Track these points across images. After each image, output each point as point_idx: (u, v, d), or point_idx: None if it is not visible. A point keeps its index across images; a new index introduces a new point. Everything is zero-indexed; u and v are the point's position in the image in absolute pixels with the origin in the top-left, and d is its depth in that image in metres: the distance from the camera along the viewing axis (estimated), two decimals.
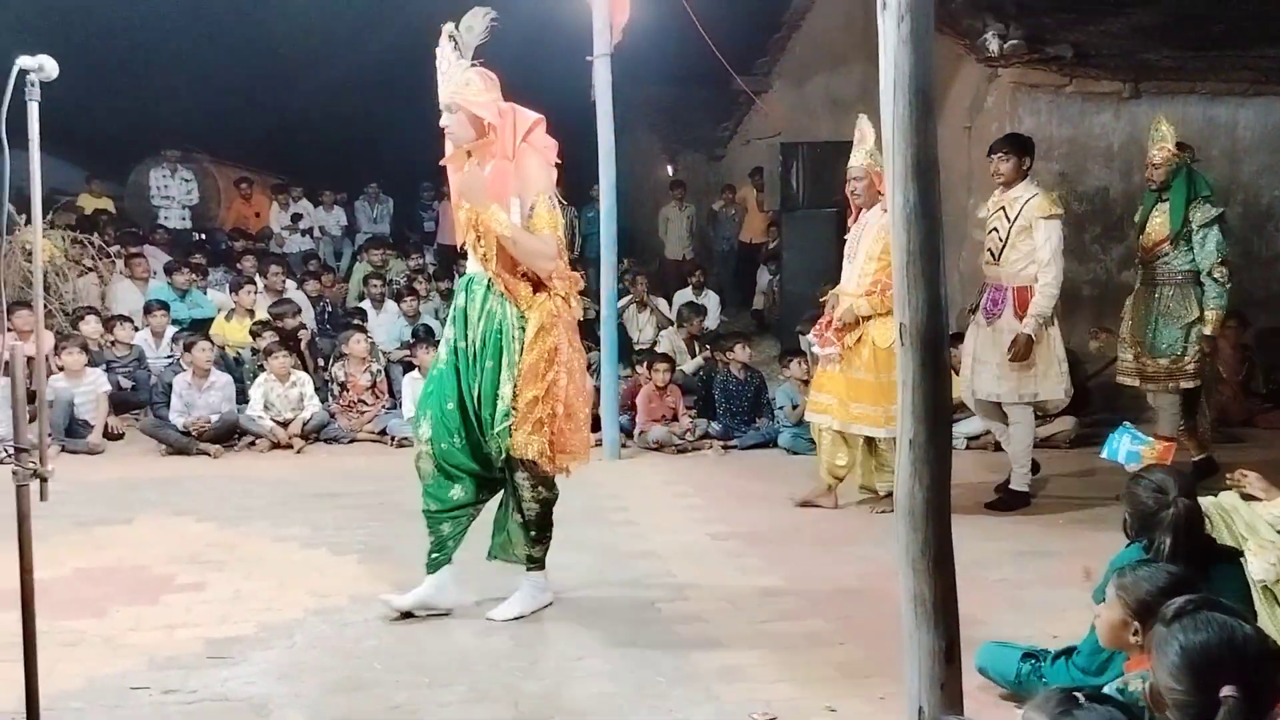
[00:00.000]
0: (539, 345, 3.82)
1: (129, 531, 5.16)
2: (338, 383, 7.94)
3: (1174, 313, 5.89)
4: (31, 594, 2.46)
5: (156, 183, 12.77)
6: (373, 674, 3.54)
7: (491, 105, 3.83)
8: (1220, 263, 5.75)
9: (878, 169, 5.42)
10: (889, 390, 5.31)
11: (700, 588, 4.43)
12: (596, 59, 6.75)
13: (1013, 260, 5.60)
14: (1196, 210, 5.78)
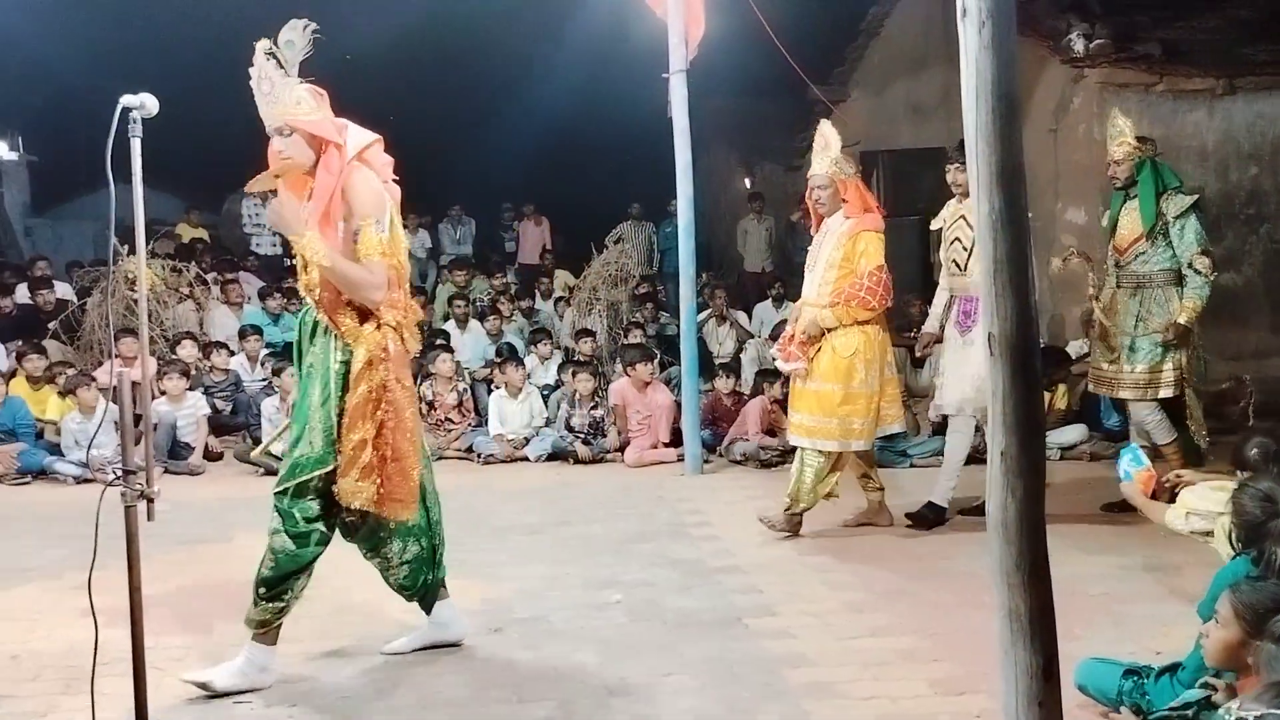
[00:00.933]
0: (365, 382, 3.46)
1: (229, 549, 5.32)
2: (425, 401, 8.09)
3: (1155, 316, 5.60)
4: (140, 611, 2.55)
5: (248, 211, 13.19)
6: (464, 690, 3.58)
7: (328, 123, 3.54)
8: (1201, 253, 5.47)
9: (842, 176, 5.34)
10: (847, 400, 5.25)
11: (787, 603, 4.39)
12: (673, 75, 6.79)
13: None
14: (1169, 202, 5.51)
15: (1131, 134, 5.68)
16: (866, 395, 5.24)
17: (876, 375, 5.27)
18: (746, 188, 14.02)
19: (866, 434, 5.28)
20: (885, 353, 5.37)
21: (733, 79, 10.74)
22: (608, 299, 9.53)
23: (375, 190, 3.55)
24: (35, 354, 7.87)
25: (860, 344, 5.23)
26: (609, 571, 4.84)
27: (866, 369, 5.24)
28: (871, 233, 5.26)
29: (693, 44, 6.76)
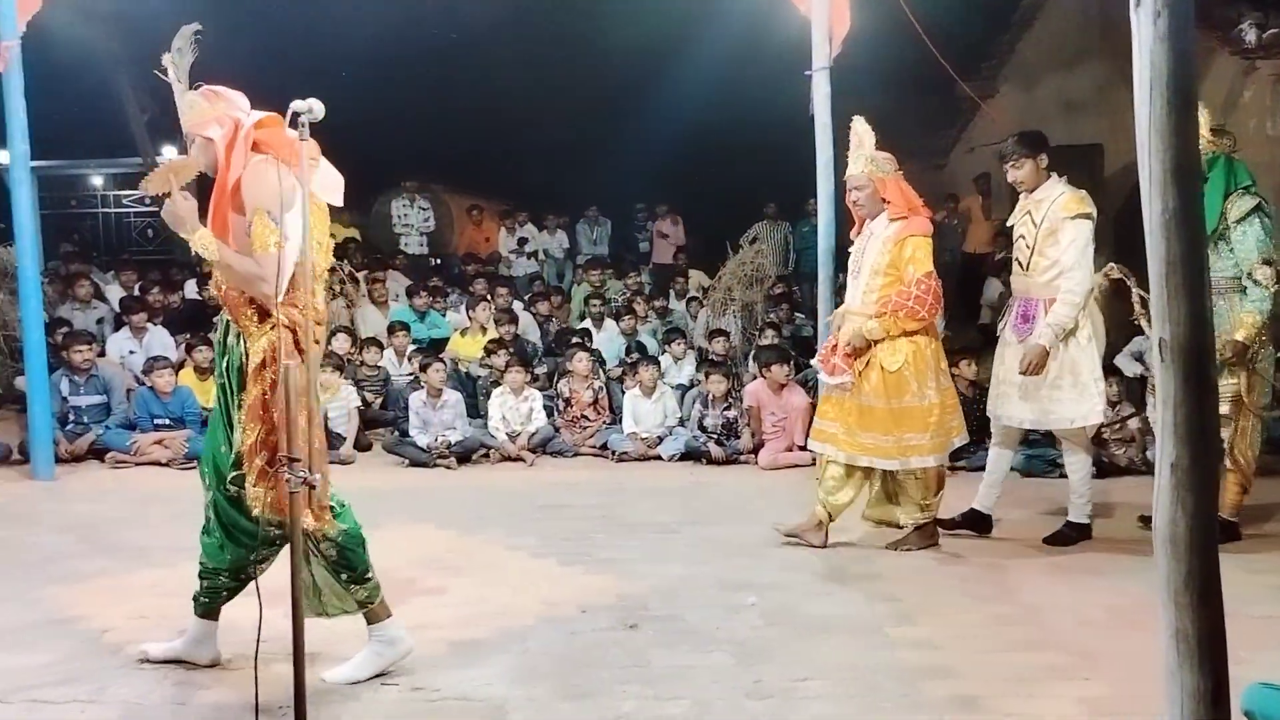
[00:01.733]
0: (257, 384, 3.38)
1: (377, 536, 5.44)
2: (563, 398, 8.23)
3: (1217, 327, 5.11)
4: (300, 594, 2.68)
5: (397, 212, 13.69)
6: (600, 683, 3.63)
7: (209, 121, 3.46)
8: (1263, 261, 5.00)
9: (880, 175, 5.06)
10: (901, 418, 4.96)
11: (928, 613, 4.28)
12: (816, 72, 6.71)
13: (1042, 269, 5.04)
14: (1234, 204, 5.05)
15: (1207, 125, 5.22)
16: (923, 409, 4.95)
17: (931, 387, 4.97)
18: None
19: (930, 449, 4.98)
20: (939, 361, 5.08)
21: (875, 75, 10.52)
22: (742, 299, 9.49)
23: (269, 181, 3.37)
24: (203, 346, 8.35)
25: (909, 355, 4.93)
26: (743, 573, 4.82)
27: (919, 382, 4.95)
28: (920, 237, 4.96)
29: (837, 40, 6.68)
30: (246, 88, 3.63)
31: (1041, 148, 5.07)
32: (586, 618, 4.26)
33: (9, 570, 4.96)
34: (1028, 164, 5.06)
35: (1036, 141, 5.09)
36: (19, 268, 7.00)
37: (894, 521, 5.24)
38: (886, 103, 13.09)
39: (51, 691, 3.57)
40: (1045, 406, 5.04)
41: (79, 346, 7.76)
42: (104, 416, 7.73)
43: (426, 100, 14.87)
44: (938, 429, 4.99)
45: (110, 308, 9.94)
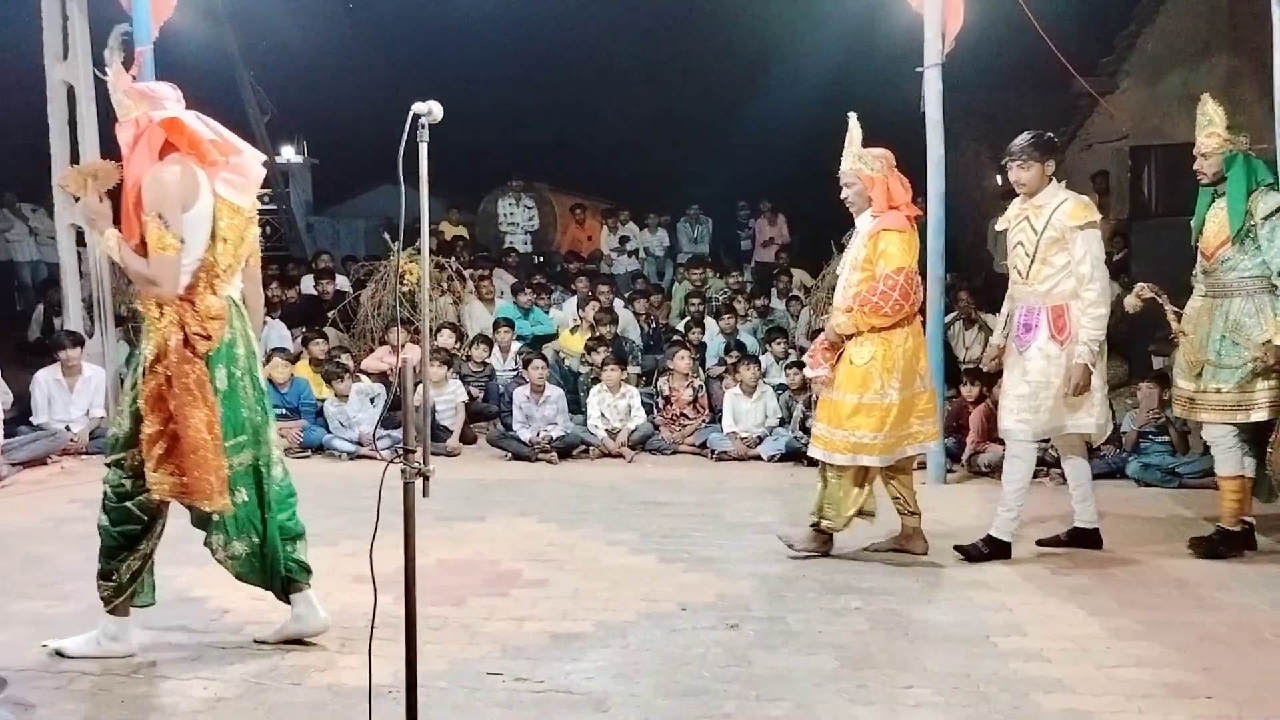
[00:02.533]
0: (152, 376, 3.57)
1: (482, 528, 5.64)
2: (662, 396, 8.25)
3: (1245, 329, 4.89)
4: (413, 581, 2.74)
5: (503, 210, 13.93)
6: (701, 681, 3.63)
7: (129, 123, 3.58)
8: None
9: (868, 173, 4.92)
10: (857, 413, 4.82)
11: (1040, 624, 4.16)
12: (927, 69, 6.58)
13: (1044, 276, 4.86)
14: (1259, 201, 4.84)
15: (1222, 123, 5.03)
16: (882, 408, 4.81)
17: (894, 387, 4.82)
18: (999, 185, 13.38)
19: (879, 449, 4.83)
20: (915, 362, 4.90)
21: (989, 72, 10.32)
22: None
23: (165, 183, 3.49)
24: (319, 339, 8.64)
25: (879, 352, 4.81)
26: (847, 577, 4.76)
27: (883, 380, 4.81)
28: (893, 232, 4.84)
29: (950, 37, 6.53)
30: (361, 87, 3.76)
31: (1052, 154, 4.94)
32: (687, 616, 4.26)
33: None
34: (1035, 167, 4.90)
35: (1049, 146, 4.95)
36: None
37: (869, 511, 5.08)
38: (1000, 99, 12.88)
39: (176, 668, 3.74)
40: (1047, 418, 4.89)
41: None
42: None
43: (533, 100, 15.12)
44: (892, 430, 4.85)
45: None
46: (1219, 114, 5.04)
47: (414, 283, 9.07)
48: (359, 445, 7.59)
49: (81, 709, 3.43)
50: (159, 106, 3.64)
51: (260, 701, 3.47)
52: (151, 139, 3.58)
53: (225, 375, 3.71)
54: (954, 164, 6.87)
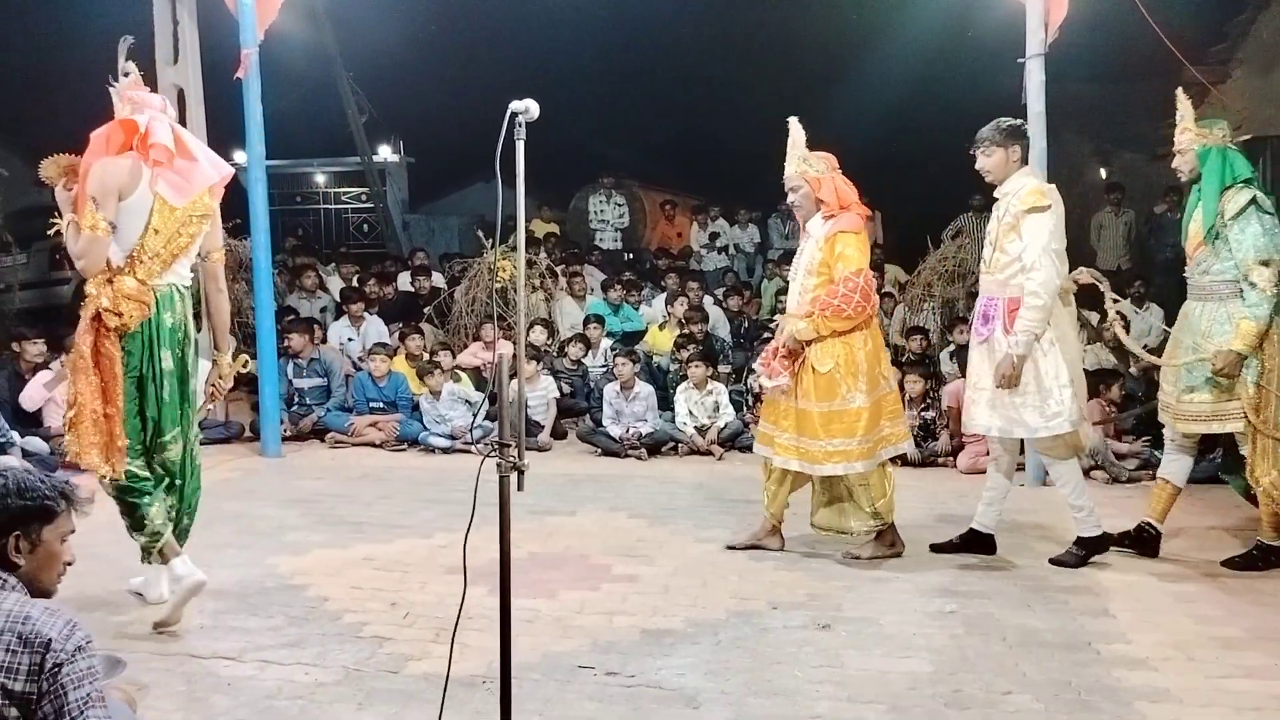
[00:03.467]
0: (76, 348, 4.07)
1: (573, 522, 5.69)
2: (752, 394, 8.20)
3: (1215, 336, 4.62)
4: (509, 572, 2.78)
5: (594, 207, 14.02)
6: (793, 681, 3.60)
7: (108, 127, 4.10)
8: (1260, 263, 4.48)
9: (814, 175, 4.74)
10: (830, 421, 4.67)
11: (1145, 631, 4.03)
12: (1029, 59, 6.40)
13: (1001, 265, 4.65)
14: (1230, 200, 4.57)
15: (1191, 118, 4.81)
16: (852, 413, 4.70)
17: (861, 390, 4.71)
18: (1103, 178, 12.98)
19: (859, 455, 4.72)
20: (877, 364, 4.79)
21: (1093, 62, 9.99)
22: (942, 295, 9.17)
23: (107, 173, 4.00)
24: (415, 335, 8.82)
25: (841, 357, 4.71)
26: (942, 579, 4.68)
27: (848, 384, 4.70)
28: (849, 234, 4.72)
29: (1053, 26, 6.34)
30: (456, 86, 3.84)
31: (1015, 139, 4.76)
32: (778, 614, 4.24)
33: (244, 539, 5.39)
34: (997, 153, 4.76)
35: (1011, 132, 4.77)
36: (253, 260, 7.59)
37: (844, 529, 5.01)
38: (1105, 90, 12.49)
39: (279, 653, 3.86)
40: (1011, 415, 4.71)
41: (293, 334, 8.32)
42: (324, 399, 8.29)
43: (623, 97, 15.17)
44: (866, 434, 4.73)
45: (332, 297, 10.63)
46: (1187, 108, 4.88)
47: (507, 279, 9.20)
48: (453, 440, 7.72)
49: (190, 690, 3.56)
50: (139, 111, 4.16)
51: (359, 688, 3.56)
52: (112, 136, 4.09)
53: (171, 357, 4.21)
54: (1056, 157, 6.66)
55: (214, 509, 5.96)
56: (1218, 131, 4.78)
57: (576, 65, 14.06)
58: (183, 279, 4.28)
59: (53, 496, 2.24)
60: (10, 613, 2.09)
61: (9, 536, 2.18)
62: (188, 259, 4.28)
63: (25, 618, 2.08)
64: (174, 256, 4.18)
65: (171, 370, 4.20)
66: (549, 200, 14.54)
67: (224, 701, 3.47)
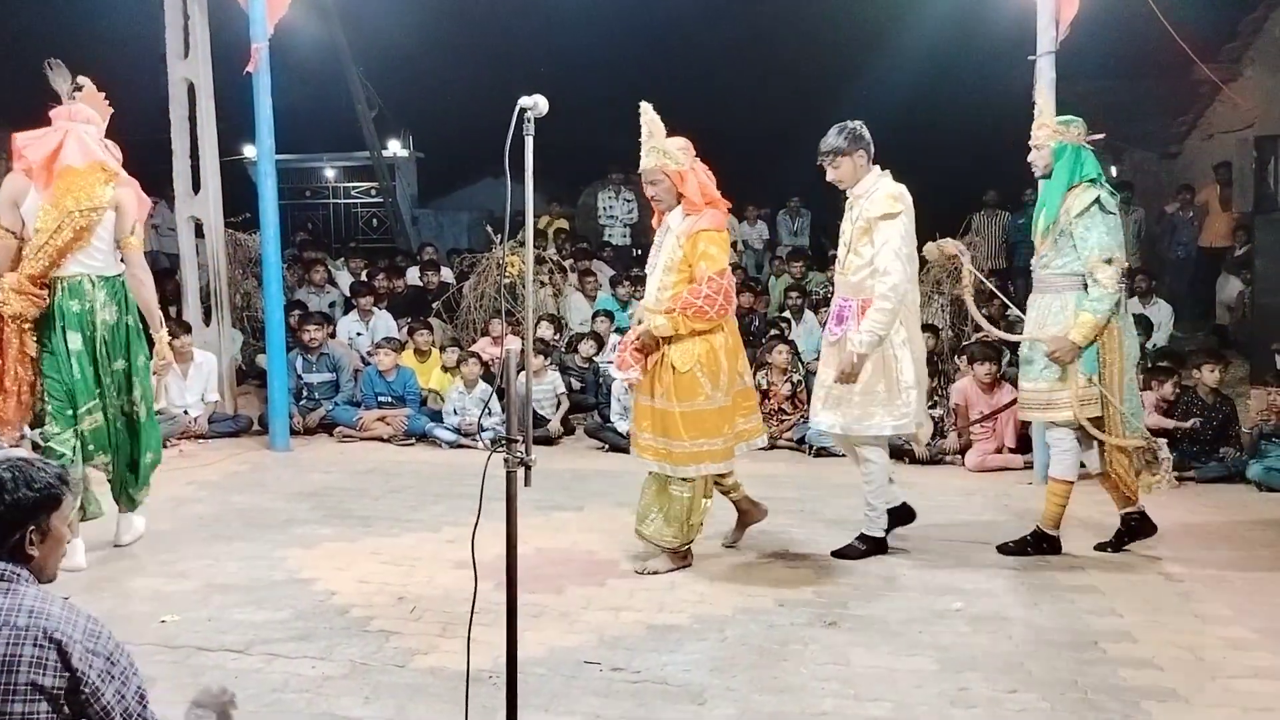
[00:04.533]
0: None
1: (580, 518, 5.69)
2: (760, 390, 8.19)
3: (1052, 327, 4.71)
4: (515, 568, 2.79)
5: (603, 203, 14.00)
6: (799, 678, 3.60)
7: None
8: (1105, 260, 4.56)
9: (674, 168, 4.63)
10: (695, 422, 4.57)
11: (1151, 631, 4.02)
12: (1040, 57, 6.37)
13: (855, 268, 4.66)
14: (1076, 197, 4.64)
15: (1050, 114, 4.82)
16: (714, 412, 4.60)
17: (722, 389, 4.62)
18: (1113, 176, 12.93)
19: (721, 455, 4.64)
20: (735, 361, 4.71)
21: (1104, 59, 9.95)
22: (951, 293, 9.14)
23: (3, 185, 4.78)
24: (423, 330, 8.83)
25: (702, 356, 4.58)
26: (948, 577, 4.67)
27: (711, 383, 4.59)
28: (712, 232, 4.59)
29: (1064, 24, 6.30)
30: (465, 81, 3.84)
31: (858, 144, 4.71)
32: (784, 611, 4.24)
33: (252, 532, 5.41)
34: (845, 162, 4.73)
35: (852, 138, 4.72)
36: (263, 254, 7.60)
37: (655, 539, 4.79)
38: (1116, 87, 12.44)
39: (286, 646, 3.87)
40: (857, 413, 4.72)
41: (310, 327, 8.36)
42: (333, 393, 8.31)
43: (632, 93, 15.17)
44: (729, 433, 4.69)
45: (341, 292, 10.65)
46: (1048, 104, 4.89)
47: (515, 275, 9.21)
48: (460, 434, 7.73)
49: (196, 682, 3.57)
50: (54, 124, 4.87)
51: (365, 682, 3.57)
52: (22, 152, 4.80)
53: (81, 338, 4.74)
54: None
55: (222, 502, 6.01)
56: (1074, 129, 4.80)
57: (586, 60, 14.04)
58: (96, 269, 4.78)
59: (55, 483, 2.25)
60: (34, 609, 2.10)
61: (26, 529, 2.19)
62: (92, 250, 4.74)
63: (47, 614, 2.10)
64: (63, 251, 4.67)
65: (80, 350, 4.74)
66: (558, 196, 14.53)
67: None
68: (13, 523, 2.17)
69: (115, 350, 4.84)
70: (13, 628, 2.07)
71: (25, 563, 2.20)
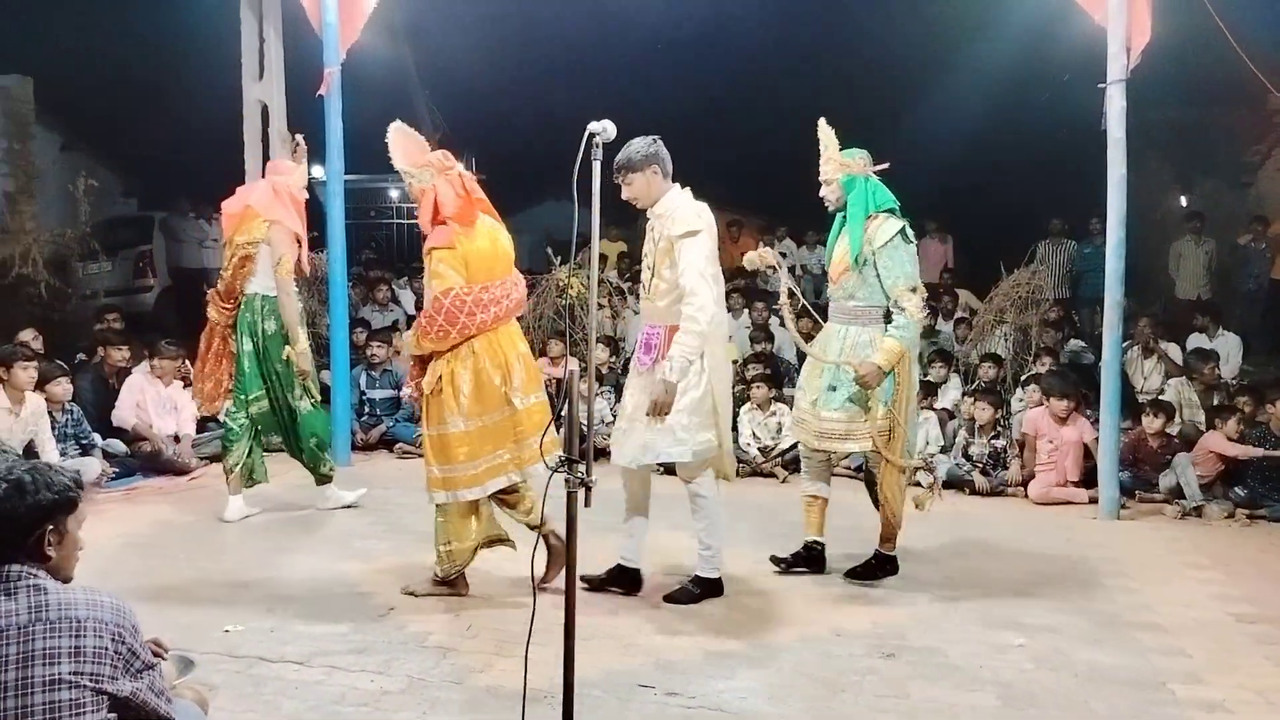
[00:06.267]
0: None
1: None
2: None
3: (857, 359, 4.65)
4: (574, 587, 2.80)
5: None
6: (856, 710, 3.56)
7: None
8: (909, 289, 4.59)
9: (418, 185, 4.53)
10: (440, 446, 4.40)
11: (1222, 673, 3.91)
12: (1110, 85, 6.28)
13: (661, 292, 4.43)
14: (878, 229, 4.63)
15: (835, 147, 4.78)
16: (455, 437, 4.39)
17: (476, 413, 4.40)
18: (1183, 206, 12.67)
19: (465, 482, 4.43)
20: (490, 384, 4.42)
21: (1175, 87, 9.77)
22: (1015, 322, 9.01)
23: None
24: None
25: (445, 378, 4.40)
26: (1010, 611, 4.58)
27: (451, 406, 4.38)
28: (440, 249, 4.41)
29: (1135, 51, 6.22)
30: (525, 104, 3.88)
31: (650, 160, 4.46)
32: (841, 641, 4.19)
33: (314, 545, 5.49)
34: (637, 179, 4.48)
35: (646, 154, 4.48)
36: (329, 273, 7.75)
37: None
38: (1187, 115, 12.22)
39: (345, 659, 3.92)
40: (645, 440, 4.45)
41: (375, 343, 8.49)
42: (394, 410, 8.42)
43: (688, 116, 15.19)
44: (487, 458, 4.43)
45: (404, 310, 10.80)
46: (830, 137, 4.77)
47: (574, 296, 9.27)
48: None
49: (257, 692, 3.64)
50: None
51: (422, 697, 3.60)
52: None
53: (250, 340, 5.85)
54: (1136, 184, 6.52)
55: (284, 514, 6.12)
56: (859, 161, 4.78)
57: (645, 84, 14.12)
58: (264, 289, 5.90)
59: (71, 487, 2.33)
60: (60, 601, 2.19)
61: (44, 530, 2.27)
62: (260, 275, 5.87)
63: (73, 604, 2.19)
64: (235, 275, 5.88)
65: (250, 351, 5.88)
66: (615, 219, 14.59)
67: (292, 705, 3.53)
68: (33, 523, 2.25)
69: (275, 353, 5.90)
70: (45, 622, 2.15)
71: (43, 563, 2.27)
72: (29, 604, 2.16)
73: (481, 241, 4.52)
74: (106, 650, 2.17)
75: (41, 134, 12.04)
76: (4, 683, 2.09)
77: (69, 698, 2.12)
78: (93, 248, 10.89)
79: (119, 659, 2.19)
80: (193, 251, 13.54)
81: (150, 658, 2.28)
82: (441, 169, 4.58)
